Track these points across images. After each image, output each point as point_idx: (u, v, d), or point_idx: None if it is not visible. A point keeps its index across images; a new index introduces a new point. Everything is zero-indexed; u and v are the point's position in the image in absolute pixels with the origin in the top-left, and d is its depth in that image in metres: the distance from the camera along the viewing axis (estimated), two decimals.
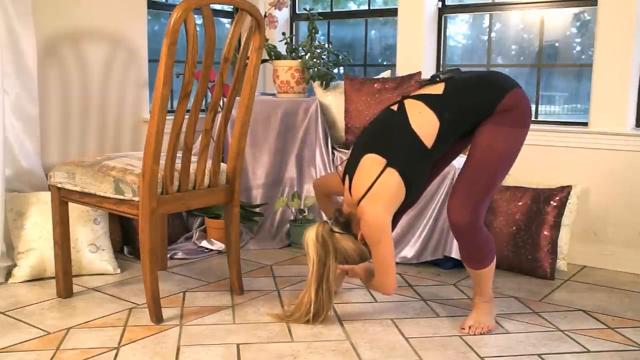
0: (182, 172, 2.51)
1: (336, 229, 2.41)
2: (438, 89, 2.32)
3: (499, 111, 2.26)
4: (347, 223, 2.42)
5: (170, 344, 2.30)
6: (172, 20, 2.22)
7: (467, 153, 2.37)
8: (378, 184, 2.24)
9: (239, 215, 2.78)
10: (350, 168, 2.35)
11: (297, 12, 4.51)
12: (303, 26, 4.41)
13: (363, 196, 2.26)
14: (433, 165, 2.39)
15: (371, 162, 2.27)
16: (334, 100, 3.80)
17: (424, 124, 2.26)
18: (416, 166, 2.28)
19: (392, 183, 2.24)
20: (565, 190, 3.14)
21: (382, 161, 2.25)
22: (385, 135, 2.30)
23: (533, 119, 3.59)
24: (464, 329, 2.44)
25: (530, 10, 3.64)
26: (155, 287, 2.46)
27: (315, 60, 3.74)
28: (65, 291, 2.74)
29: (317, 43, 3.82)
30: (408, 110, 2.29)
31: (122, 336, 2.36)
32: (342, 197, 2.56)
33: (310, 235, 2.38)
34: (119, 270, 3.08)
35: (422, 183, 2.38)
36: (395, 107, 2.35)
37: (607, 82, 3.25)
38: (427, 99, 2.30)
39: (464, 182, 2.31)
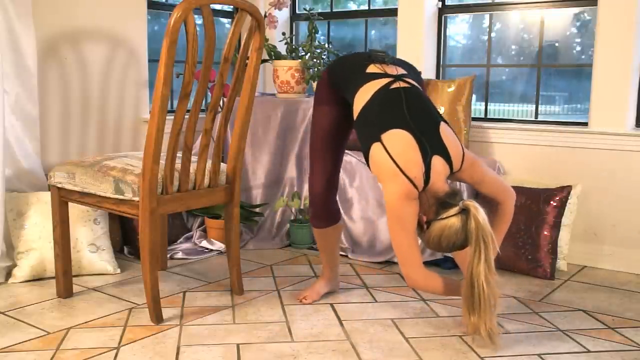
0: (182, 172, 2.51)
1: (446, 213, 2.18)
2: (395, 69, 2.46)
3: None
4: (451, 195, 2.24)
5: (170, 344, 2.30)
6: (172, 20, 2.22)
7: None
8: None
9: (239, 215, 2.78)
10: (435, 148, 2.26)
11: (297, 12, 4.51)
12: (303, 26, 4.40)
13: (463, 153, 2.31)
14: None
15: (449, 128, 2.37)
16: None
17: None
18: None
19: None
20: (565, 190, 3.14)
21: (444, 124, 2.35)
22: (429, 105, 2.40)
23: (533, 118, 3.64)
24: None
25: (530, 10, 3.64)
26: (155, 287, 2.46)
27: (315, 60, 3.74)
28: (65, 291, 2.74)
29: (317, 43, 3.82)
30: (408, 82, 2.41)
31: (122, 336, 2.36)
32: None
33: (479, 217, 2.14)
34: (119, 270, 3.08)
35: None
36: (400, 85, 2.38)
37: (607, 82, 3.25)
38: (406, 77, 2.45)
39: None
